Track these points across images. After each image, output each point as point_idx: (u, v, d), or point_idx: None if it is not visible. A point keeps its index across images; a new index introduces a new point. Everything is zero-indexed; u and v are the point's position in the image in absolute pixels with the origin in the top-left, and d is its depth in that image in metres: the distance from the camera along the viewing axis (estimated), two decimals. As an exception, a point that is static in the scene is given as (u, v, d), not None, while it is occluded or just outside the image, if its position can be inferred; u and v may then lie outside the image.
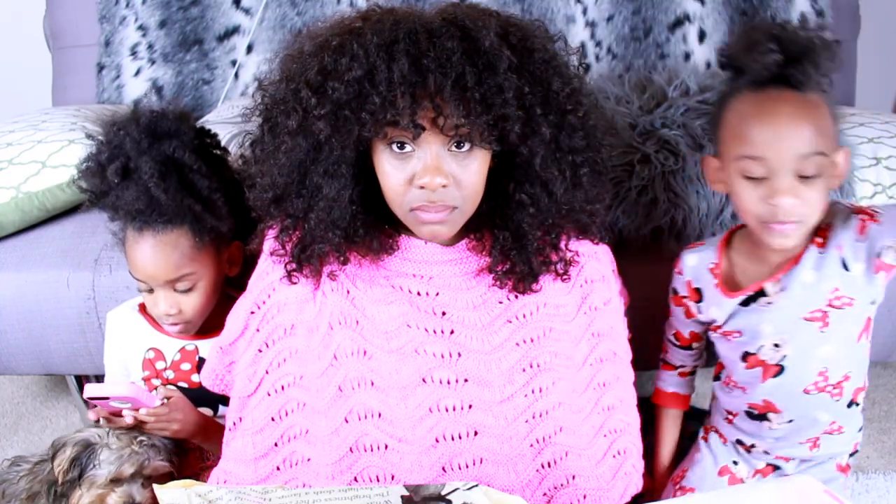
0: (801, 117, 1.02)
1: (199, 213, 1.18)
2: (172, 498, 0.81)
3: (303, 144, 0.95)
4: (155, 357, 1.30)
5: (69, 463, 1.13)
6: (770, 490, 0.85)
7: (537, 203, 0.99)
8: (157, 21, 1.92)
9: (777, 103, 1.03)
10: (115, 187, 1.17)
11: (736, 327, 1.19)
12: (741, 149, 1.05)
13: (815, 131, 1.01)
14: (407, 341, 1.00)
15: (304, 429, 1.02)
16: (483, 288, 1.04)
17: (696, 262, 1.22)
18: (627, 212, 1.42)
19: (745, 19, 1.95)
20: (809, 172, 1.02)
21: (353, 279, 1.03)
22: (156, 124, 1.18)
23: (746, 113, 1.05)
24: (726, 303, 1.19)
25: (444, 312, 1.02)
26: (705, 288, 1.22)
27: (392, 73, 0.87)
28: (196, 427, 1.22)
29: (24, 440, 1.75)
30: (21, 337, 1.48)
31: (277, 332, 1.05)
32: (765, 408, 1.22)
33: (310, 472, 1.00)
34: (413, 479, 0.96)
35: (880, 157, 1.47)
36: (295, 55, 0.98)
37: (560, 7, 1.93)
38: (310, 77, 0.93)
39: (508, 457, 0.98)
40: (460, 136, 0.92)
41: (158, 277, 1.20)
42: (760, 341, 1.16)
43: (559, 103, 0.96)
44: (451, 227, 0.99)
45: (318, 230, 0.98)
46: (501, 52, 0.89)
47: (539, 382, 1.01)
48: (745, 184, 1.06)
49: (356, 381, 0.99)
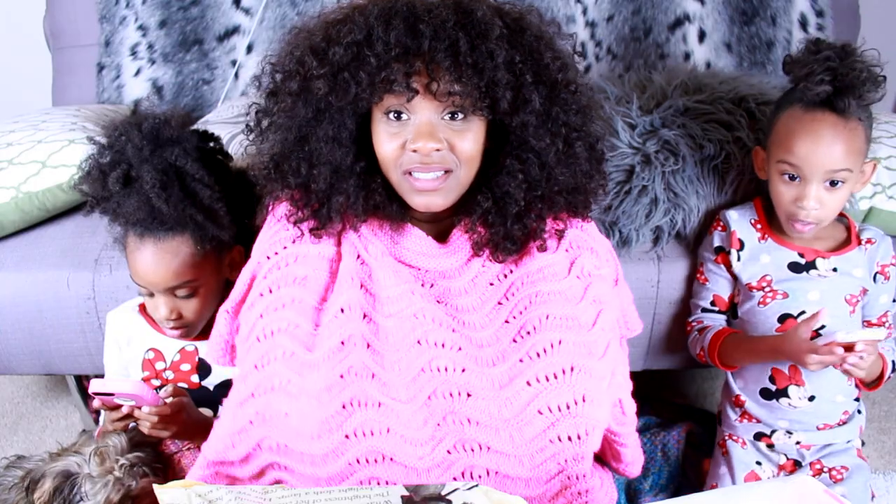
0: (837, 140, 1.21)
1: (200, 222, 1.18)
2: (172, 498, 0.81)
3: (302, 108, 0.99)
4: (155, 358, 1.30)
5: (50, 496, 1.09)
6: (770, 490, 0.85)
7: (527, 171, 1.01)
8: (157, 21, 1.92)
9: (820, 125, 1.21)
10: (117, 195, 1.17)
11: (784, 289, 1.31)
12: (784, 155, 1.25)
13: (846, 151, 1.21)
14: (406, 306, 1.02)
15: (286, 379, 0.99)
16: (474, 271, 1.06)
17: (738, 217, 1.37)
18: (627, 212, 1.42)
19: (745, 19, 1.95)
20: (841, 194, 1.24)
21: (365, 245, 1.06)
22: (158, 131, 1.18)
23: (793, 127, 1.24)
24: (782, 253, 1.33)
25: (438, 301, 1.04)
26: (747, 240, 1.35)
27: (388, 35, 0.92)
28: (197, 428, 1.21)
29: (24, 440, 1.75)
30: (21, 337, 1.48)
31: (286, 279, 1.05)
32: (789, 378, 1.29)
33: (287, 430, 0.98)
34: (408, 433, 0.96)
35: (880, 157, 1.47)
36: (303, 30, 1.02)
37: (560, 7, 1.93)
38: (314, 43, 0.98)
39: (509, 421, 0.97)
40: (454, 105, 0.95)
41: (159, 284, 1.20)
42: (804, 306, 1.30)
43: (550, 75, 0.99)
44: (445, 196, 1.00)
45: (326, 185, 1.01)
46: (493, 22, 0.94)
47: (533, 346, 1.00)
48: (781, 181, 1.27)
49: (356, 340, 1.00)
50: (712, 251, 1.38)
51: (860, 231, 1.35)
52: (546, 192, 1.03)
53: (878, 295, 1.33)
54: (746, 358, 1.32)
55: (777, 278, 1.31)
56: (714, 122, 1.47)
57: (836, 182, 1.23)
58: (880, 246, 1.33)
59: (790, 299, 1.31)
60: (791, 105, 1.25)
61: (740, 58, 1.97)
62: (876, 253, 1.33)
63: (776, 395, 1.31)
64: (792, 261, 1.32)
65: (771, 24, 1.95)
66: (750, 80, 1.61)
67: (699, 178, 1.43)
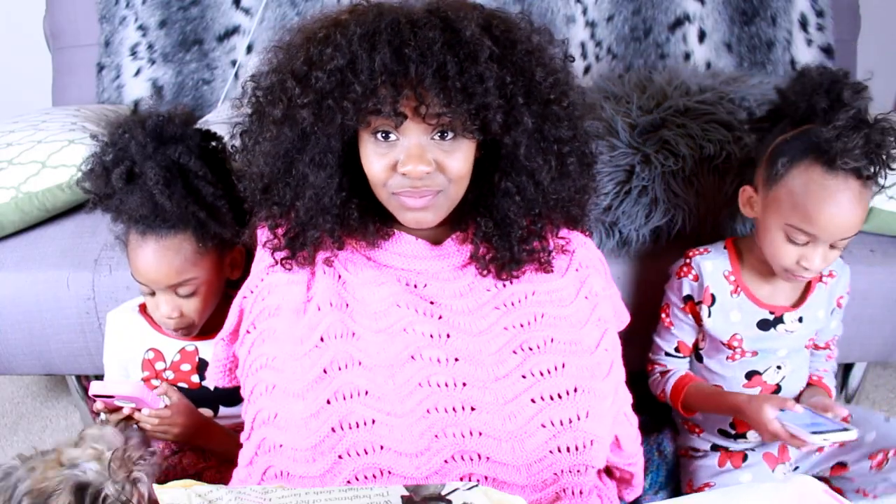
0: (857, 207, 1.11)
1: (203, 219, 1.17)
2: (172, 498, 0.81)
3: (288, 134, 0.96)
4: (155, 358, 1.30)
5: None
6: (770, 490, 0.85)
7: (523, 192, 1.00)
8: (157, 21, 1.92)
9: (844, 195, 1.10)
10: (120, 191, 1.17)
11: (753, 347, 1.28)
12: (796, 220, 1.13)
13: (863, 215, 1.13)
14: (396, 321, 1.00)
15: (273, 413, 1.00)
16: (470, 278, 1.05)
17: (711, 269, 1.28)
18: (627, 212, 1.42)
19: (745, 19, 1.95)
20: (842, 245, 1.15)
21: (344, 264, 1.04)
22: (162, 128, 1.17)
23: (813, 192, 1.11)
24: (752, 311, 1.26)
25: (432, 301, 1.03)
26: (719, 294, 1.27)
27: (373, 62, 0.88)
28: (197, 429, 1.22)
29: (24, 440, 1.75)
30: (21, 337, 1.48)
31: (263, 314, 1.05)
32: (748, 426, 1.28)
33: (285, 458, 0.98)
34: (403, 447, 0.95)
35: (880, 157, 1.47)
36: (283, 47, 0.99)
37: (560, 7, 1.93)
38: (295, 67, 0.94)
39: (512, 433, 0.96)
40: (442, 126, 0.93)
41: (160, 282, 1.20)
42: (772, 363, 1.28)
43: (542, 93, 0.96)
44: (435, 212, 0.99)
45: (307, 217, 1.00)
46: (483, 42, 0.90)
47: (536, 365, 0.99)
48: (785, 241, 1.16)
49: (343, 362, 0.98)
50: (681, 299, 1.31)
51: None
52: (543, 209, 1.02)
53: (829, 322, 1.32)
54: (708, 409, 1.31)
55: (747, 337, 1.28)
56: (714, 122, 1.47)
57: (843, 244, 1.15)
58: (840, 279, 1.29)
59: (759, 357, 1.29)
60: (807, 161, 1.12)
61: (740, 58, 1.97)
62: (836, 287, 1.29)
63: (735, 437, 1.33)
64: (762, 318, 1.27)
65: (771, 24, 1.95)
66: (750, 80, 1.61)
67: (699, 177, 1.43)
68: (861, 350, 1.54)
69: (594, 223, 1.39)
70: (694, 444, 1.39)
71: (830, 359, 1.36)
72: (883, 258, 1.47)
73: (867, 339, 1.51)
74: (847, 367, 1.68)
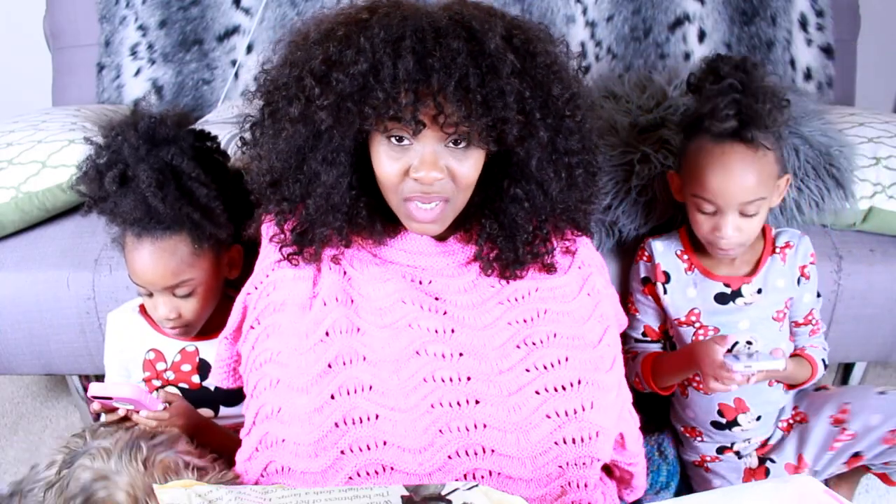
0: (748, 171, 1.18)
1: (197, 220, 1.18)
2: (172, 498, 0.81)
3: (303, 132, 0.96)
4: (155, 358, 1.30)
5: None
6: (770, 490, 0.85)
7: (532, 199, 1.01)
8: (157, 21, 1.92)
9: (730, 158, 1.18)
10: (113, 195, 1.17)
11: (715, 323, 1.31)
12: (697, 189, 1.21)
13: (758, 181, 1.18)
14: (401, 316, 1.01)
15: (276, 408, 1.00)
16: (474, 274, 1.06)
17: (663, 249, 1.35)
18: (627, 212, 1.42)
19: (745, 19, 1.94)
20: (751, 212, 1.20)
21: (350, 261, 1.05)
22: (154, 130, 1.17)
23: (703, 161, 1.20)
24: (708, 286, 1.29)
25: (437, 297, 1.04)
26: (673, 272, 1.32)
27: (397, 70, 0.88)
28: (197, 430, 1.21)
29: (24, 440, 1.75)
30: (21, 337, 1.48)
31: (268, 310, 1.06)
32: (735, 409, 1.31)
33: (287, 453, 0.99)
34: (407, 443, 0.95)
35: (880, 157, 1.47)
36: (299, 41, 0.98)
37: (560, 7, 1.93)
38: (314, 66, 0.93)
39: (517, 424, 0.97)
40: (459, 135, 0.93)
41: (157, 283, 1.20)
42: (736, 337, 1.29)
43: (558, 108, 0.97)
44: (441, 223, 1.01)
45: (317, 215, 1.00)
46: (506, 56, 0.90)
47: (539, 359, 1.00)
48: (698, 212, 1.24)
49: (347, 357, 0.99)
50: (640, 282, 1.37)
51: (777, 236, 1.33)
52: (549, 216, 1.04)
53: (801, 296, 1.33)
54: (671, 372, 1.31)
55: (705, 311, 1.30)
56: (714, 121, 1.47)
57: (750, 214, 1.21)
58: (799, 249, 1.31)
59: (722, 332, 1.30)
60: (699, 135, 1.22)
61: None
62: (796, 257, 1.31)
63: (727, 426, 1.35)
64: (718, 292, 1.30)
65: (771, 24, 1.94)
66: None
67: (699, 177, 1.43)
68: (861, 350, 1.54)
69: (594, 223, 1.39)
70: (700, 450, 1.40)
71: (815, 333, 1.36)
72: (883, 258, 1.47)
73: (867, 339, 1.51)
74: (847, 367, 1.68)
